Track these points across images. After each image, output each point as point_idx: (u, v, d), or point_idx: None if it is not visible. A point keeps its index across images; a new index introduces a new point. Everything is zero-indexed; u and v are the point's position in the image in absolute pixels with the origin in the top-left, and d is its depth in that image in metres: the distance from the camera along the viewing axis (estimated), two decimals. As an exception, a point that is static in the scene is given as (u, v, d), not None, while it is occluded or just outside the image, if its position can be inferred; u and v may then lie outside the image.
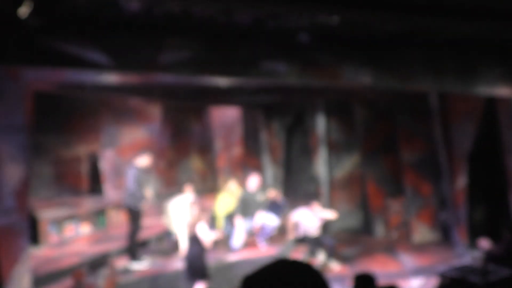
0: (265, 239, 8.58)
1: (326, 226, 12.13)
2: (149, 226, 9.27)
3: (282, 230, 9.46)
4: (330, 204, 12.17)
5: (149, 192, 8.26)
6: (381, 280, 7.21)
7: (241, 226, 8.41)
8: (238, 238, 8.40)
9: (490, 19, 4.70)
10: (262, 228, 8.50)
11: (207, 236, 6.70)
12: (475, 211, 9.71)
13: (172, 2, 4.62)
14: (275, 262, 1.55)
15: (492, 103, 8.57)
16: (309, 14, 5.17)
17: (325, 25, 5.53)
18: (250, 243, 8.66)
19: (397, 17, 4.56)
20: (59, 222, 8.83)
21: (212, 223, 9.65)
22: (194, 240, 6.71)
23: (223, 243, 8.94)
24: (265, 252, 8.33)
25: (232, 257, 8.13)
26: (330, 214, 8.98)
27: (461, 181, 9.63)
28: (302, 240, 8.41)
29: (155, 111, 12.71)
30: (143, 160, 8.17)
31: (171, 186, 13.87)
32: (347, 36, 6.13)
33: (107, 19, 4.92)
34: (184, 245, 7.73)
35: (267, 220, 8.56)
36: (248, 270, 6.27)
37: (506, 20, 4.69)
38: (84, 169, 11.37)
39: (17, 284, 5.88)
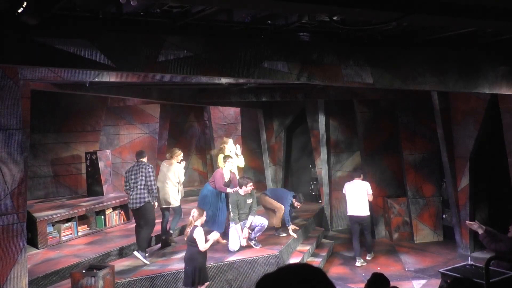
0: (255, 238, 8.56)
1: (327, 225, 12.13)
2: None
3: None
4: (330, 204, 12.17)
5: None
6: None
7: (234, 230, 8.39)
8: (233, 241, 8.38)
9: (493, 18, 4.67)
10: (253, 228, 8.50)
11: (202, 242, 6.73)
12: (477, 211, 9.68)
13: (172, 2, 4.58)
14: (283, 268, 1.57)
15: (494, 102, 8.54)
16: (309, 14, 5.14)
17: (325, 24, 5.50)
18: (247, 244, 8.62)
19: (397, 16, 4.52)
20: (57, 223, 8.78)
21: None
22: (190, 241, 6.79)
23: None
24: (264, 252, 8.29)
25: (231, 257, 8.09)
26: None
27: (464, 181, 9.59)
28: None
29: (154, 111, 12.68)
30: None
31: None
32: (347, 36, 6.11)
33: (106, 18, 4.89)
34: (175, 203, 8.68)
35: (258, 220, 8.55)
36: (247, 270, 6.22)
37: (509, 19, 4.65)
38: (83, 169, 11.33)
39: (15, 285, 5.84)
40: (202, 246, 6.73)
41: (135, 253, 7.97)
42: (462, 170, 9.58)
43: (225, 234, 8.75)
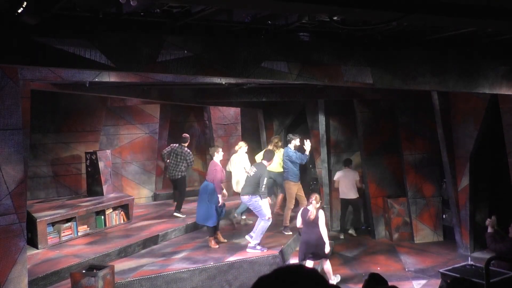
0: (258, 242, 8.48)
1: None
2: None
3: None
4: (330, 204, 12.16)
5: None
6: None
7: (265, 201, 8.62)
8: (267, 210, 8.51)
9: (493, 18, 4.67)
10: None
11: (324, 223, 7.88)
12: (477, 211, 9.68)
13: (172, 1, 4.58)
14: (279, 269, 1.58)
15: (494, 102, 8.53)
16: (309, 14, 5.14)
17: (325, 24, 5.50)
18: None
19: (397, 16, 4.52)
20: (57, 223, 8.78)
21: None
22: (314, 224, 7.82)
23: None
24: (264, 252, 8.29)
25: (231, 257, 8.10)
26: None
27: (464, 181, 9.59)
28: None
29: (154, 111, 12.68)
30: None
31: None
32: (347, 36, 6.10)
33: (106, 18, 4.88)
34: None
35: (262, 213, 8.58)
36: (247, 270, 6.23)
37: (509, 19, 4.65)
38: (83, 169, 11.33)
39: (15, 285, 5.85)
40: (324, 226, 7.90)
41: (176, 213, 10.50)
42: (462, 170, 9.58)
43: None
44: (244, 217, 10.40)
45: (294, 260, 8.57)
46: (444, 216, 10.86)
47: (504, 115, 8.31)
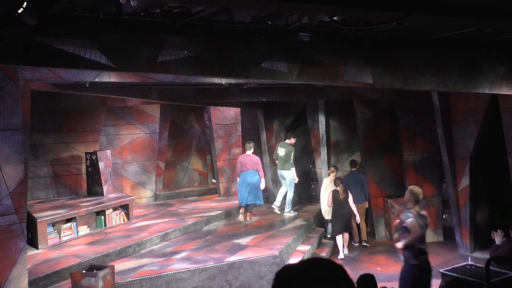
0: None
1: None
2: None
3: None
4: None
5: None
6: (383, 281, 7.18)
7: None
8: None
9: (493, 18, 4.67)
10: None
11: (352, 201, 9.96)
12: (478, 211, 9.67)
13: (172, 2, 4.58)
14: (305, 261, 1.56)
15: (495, 102, 8.53)
16: (309, 14, 5.14)
17: (325, 24, 5.50)
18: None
19: (397, 16, 4.52)
20: (57, 223, 8.78)
21: None
22: (344, 202, 9.90)
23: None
24: (264, 252, 8.29)
25: (231, 257, 8.10)
26: None
27: (464, 181, 9.58)
28: None
29: (154, 111, 12.69)
30: None
31: (171, 186, 13.86)
32: (347, 36, 6.10)
33: (106, 18, 4.88)
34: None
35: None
36: (248, 270, 6.21)
37: (509, 19, 4.66)
38: (83, 169, 11.34)
39: (15, 285, 5.85)
40: (352, 202, 9.97)
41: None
42: (462, 170, 9.58)
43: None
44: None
45: (294, 260, 8.57)
46: (444, 216, 10.86)
47: (504, 115, 8.31)
